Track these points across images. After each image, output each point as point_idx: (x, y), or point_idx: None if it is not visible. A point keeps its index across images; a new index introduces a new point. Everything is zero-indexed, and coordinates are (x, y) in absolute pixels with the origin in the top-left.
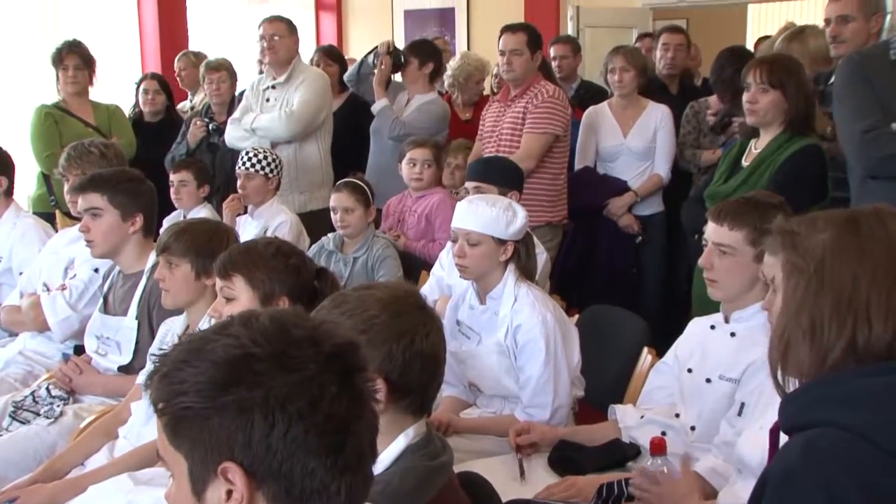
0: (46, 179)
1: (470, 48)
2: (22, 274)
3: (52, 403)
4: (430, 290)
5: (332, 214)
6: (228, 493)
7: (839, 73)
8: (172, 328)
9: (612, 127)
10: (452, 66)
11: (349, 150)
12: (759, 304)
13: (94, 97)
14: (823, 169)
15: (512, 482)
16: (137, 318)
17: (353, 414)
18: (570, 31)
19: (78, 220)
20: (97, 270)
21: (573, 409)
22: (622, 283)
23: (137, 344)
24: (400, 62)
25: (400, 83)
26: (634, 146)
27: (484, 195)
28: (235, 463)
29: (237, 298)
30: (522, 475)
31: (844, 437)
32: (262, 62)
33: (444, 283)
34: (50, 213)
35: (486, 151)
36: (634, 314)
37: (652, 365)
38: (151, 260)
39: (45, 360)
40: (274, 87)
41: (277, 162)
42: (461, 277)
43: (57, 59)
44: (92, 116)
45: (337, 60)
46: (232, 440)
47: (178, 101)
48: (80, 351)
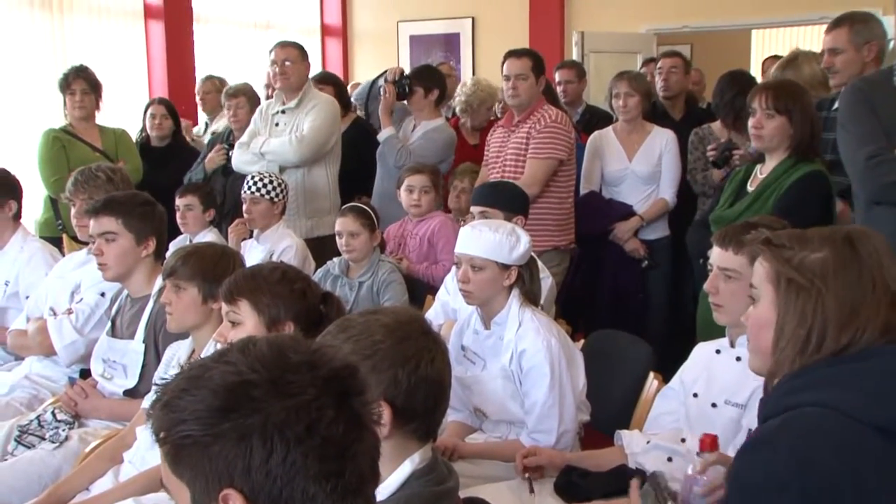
0: (53, 204)
1: (475, 73)
2: (28, 298)
3: (57, 428)
4: (435, 314)
5: (337, 239)
6: None
7: (843, 99)
8: (178, 352)
9: (617, 151)
10: (466, 91)
11: (354, 174)
12: None
13: (101, 121)
14: (828, 194)
15: None
16: (144, 341)
17: (351, 437)
18: (574, 56)
19: (84, 244)
20: (103, 294)
21: (579, 434)
22: (628, 307)
23: (144, 368)
24: (404, 91)
25: (406, 107)
26: (640, 170)
27: (487, 220)
28: (236, 490)
29: (243, 323)
30: (532, 491)
31: (819, 412)
32: (270, 87)
33: (449, 307)
34: (57, 237)
35: (491, 176)
36: (640, 339)
37: (658, 390)
38: (159, 283)
39: (50, 384)
40: (284, 111)
41: (283, 186)
42: (465, 302)
43: (64, 84)
44: (99, 141)
45: (329, 82)
46: (232, 467)
47: (192, 125)
48: (85, 375)
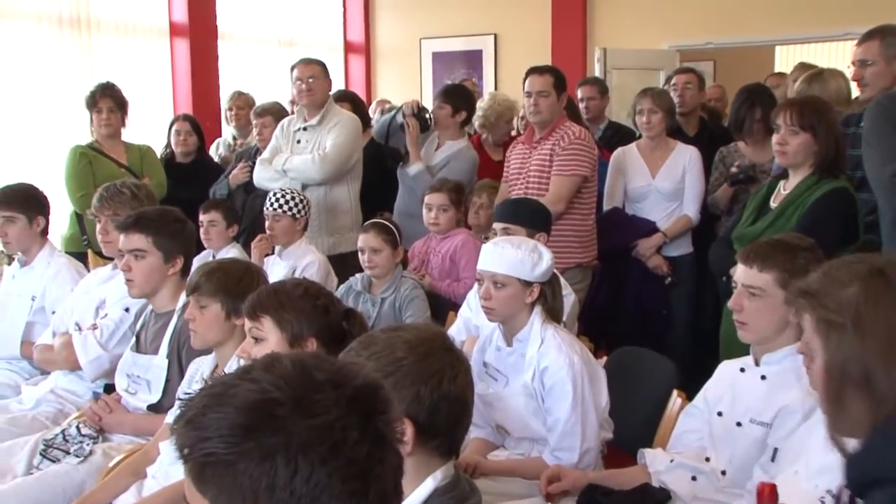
0: (79, 219)
1: (497, 90)
2: (55, 313)
3: (81, 442)
4: (457, 331)
5: (359, 255)
6: None
7: (868, 116)
8: (201, 368)
9: (640, 168)
10: (483, 106)
11: (375, 189)
12: (789, 347)
13: (126, 138)
14: (853, 212)
15: None
16: (168, 356)
17: (375, 457)
18: (597, 72)
19: (109, 259)
20: (128, 310)
21: (602, 451)
22: (650, 324)
23: (167, 383)
24: (426, 123)
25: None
26: (663, 187)
27: (509, 237)
28: None
29: (266, 339)
30: None
31: None
32: (294, 103)
33: (471, 323)
34: (82, 252)
35: (512, 193)
36: (663, 356)
37: (681, 408)
38: (183, 299)
39: (75, 398)
40: (305, 128)
41: (305, 203)
42: (488, 319)
43: (91, 101)
44: (125, 157)
45: (347, 100)
46: (256, 486)
47: (210, 141)
48: (110, 390)
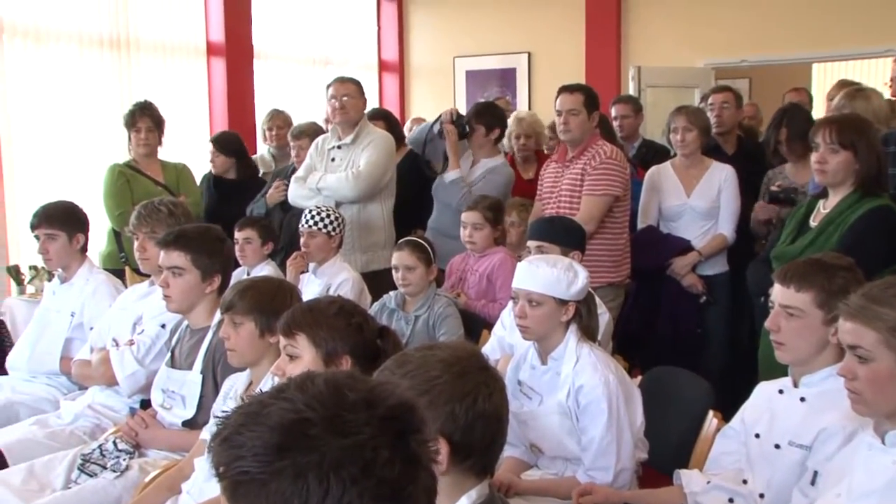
0: (117, 236)
1: (531, 108)
2: (93, 329)
3: (118, 457)
4: (491, 349)
5: (393, 272)
6: None
7: None
8: (236, 384)
9: (675, 186)
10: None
11: (409, 207)
12: (829, 368)
13: (163, 156)
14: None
15: None
16: (202, 372)
17: (407, 478)
18: (631, 90)
19: (147, 276)
20: (164, 326)
21: (637, 472)
22: (685, 343)
23: (202, 399)
24: (464, 130)
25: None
26: (698, 206)
27: (545, 255)
28: None
29: (300, 357)
30: None
31: None
32: (328, 122)
33: (505, 342)
34: (119, 269)
35: (545, 211)
36: (698, 376)
37: (718, 429)
38: (218, 315)
39: (112, 413)
40: (340, 147)
41: (340, 220)
42: (522, 338)
43: (130, 121)
44: (161, 175)
45: (380, 118)
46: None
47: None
48: (146, 405)
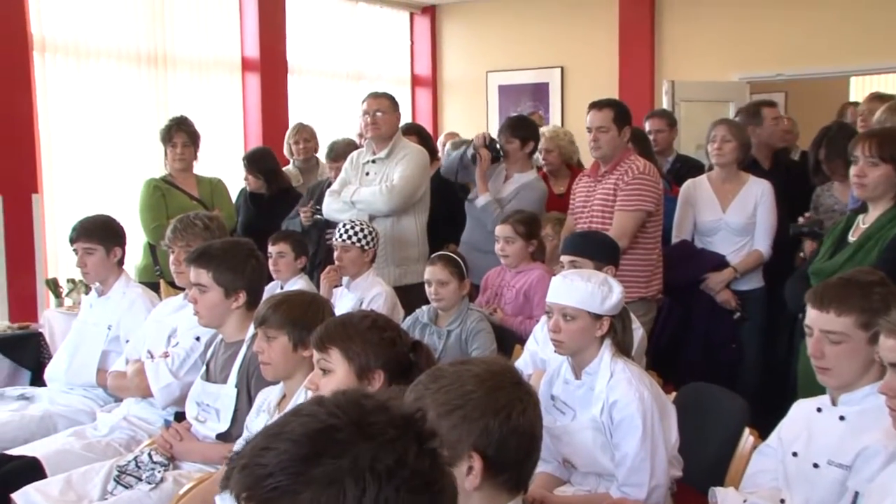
0: (152, 250)
1: (563, 123)
2: (128, 342)
3: (153, 469)
4: (524, 364)
5: (426, 287)
6: None
7: None
8: (269, 397)
9: (710, 201)
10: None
11: (443, 221)
12: (869, 386)
13: (197, 170)
14: None
15: None
16: (237, 386)
17: (436, 470)
18: (665, 105)
19: (181, 289)
20: (198, 339)
21: (671, 489)
22: (719, 359)
23: (236, 412)
24: (498, 155)
25: None
26: (733, 222)
27: (580, 270)
28: None
29: (334, 371)
30: None
31: None
32: (362, 136)
33: (538, 357)
34: (154, 282)
35: (577, 226)
36: (734, 393)
37: (754, 446)
38: (252, 329)
39: (147, 425)
40: (374, 161)
41: (374, 234)
42: (556, 352)
43: (166, 136)
44: (196, 189)
45: (413, 132)
46: None
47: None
48: (180, 418)
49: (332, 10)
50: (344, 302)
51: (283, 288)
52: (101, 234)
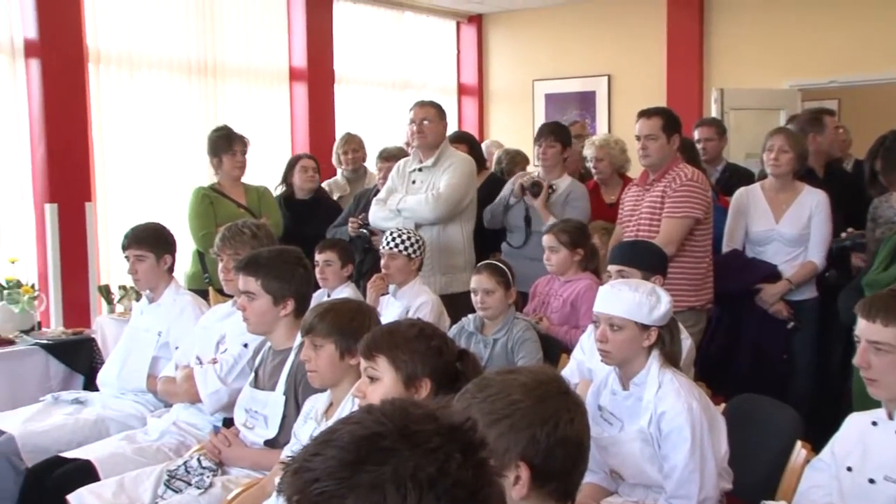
0: (201, 258)
1: (610, 132)
2: (178, 348)
3: (202, 474)
4: (570, 373)
5: (472, 296)
6: None
7: None
8: (316, 405)
9: (763, 211)
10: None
11: (489, 230)
12: None
13: (244, 178)
14: None
15: None
16: (285, 393)
17: (481, 481)
18: (713, 113)
19: (230, 296)
20: (246, 346)
21: (721, 502)
22: (770, 371)
23: (284, 419)
24: (542, 189)
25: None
26: (787, 233)
27: (627, 280)
28: None
29: (381, 379)
30: None
31: None
32: (409, 145)
33: (584, 366)
34: (204, 289)
35: (625, 235)
36: (785, 405)
37: (806, 460)
38: (300, 337)
39: (196, 431)
40: (420, 169)
41: (420, 243)
42: (603, 363)
43: (226, 144)
44: (244, 197)
45: (463, 141)
46: None
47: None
48: (229, 423)
49: (378, 19)
50: (390, 310)
51: (329, 296)
52: (151, 241)
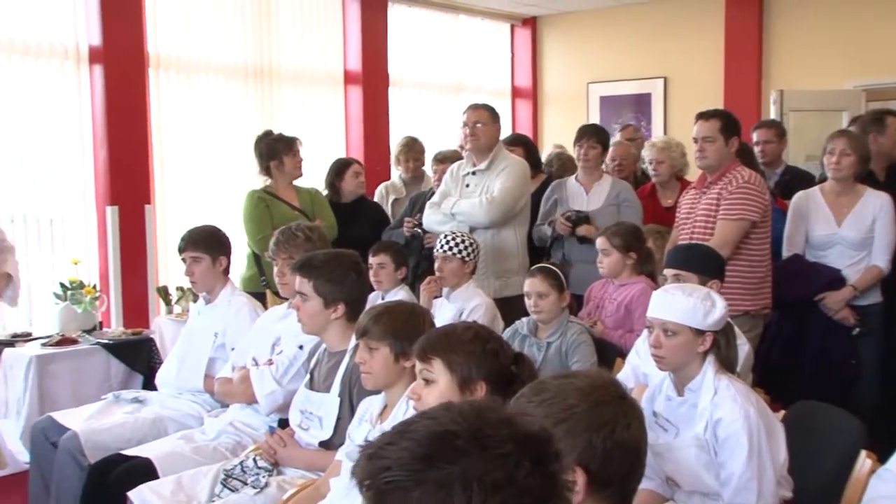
0: (258, 260)
1: (666, 134)
2: (234, 349)
3: (258, 474)
4: (625, 377)
5: (525, 299)
6: None
7: None
8: (371, 407)
9: (824, 215)
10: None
11: None
12: None
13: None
14: None
15: None
16: (339, 394)
17: (547, 492)
18: (772, 115)
19: (286, 299)
20: (301, 347)
21: None
22: (832, 377)
23: (338, 421)
24: (587, 220)
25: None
26: (849, 236)
27: (681, 284)
28: None
29: (436, 381)
30: None
31: None
32: (462, 148)
33: (639, 371)
34: (261, 292)
35: (680, 238)
36: (848, 413)
37: (871, 470)
38: (354, 339)
39: (252, 431)
40: (474, 173)
41: (475, 246)
42: (658, 368)
43: (288, 146)
44: (296, 200)
45: (519, 144)
46: None
47: (377, 184)
48: (284, 424)
49: (433, 22)
50: (444, 313)
51: (383, 298)
52: (207, 243)
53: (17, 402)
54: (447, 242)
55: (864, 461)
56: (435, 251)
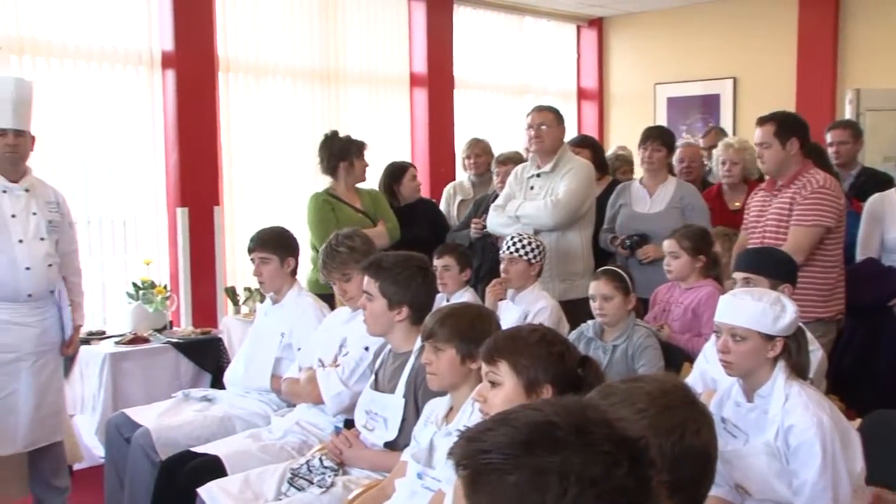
0: None
1: (736, 135)
2: (300, 350)
3: (324, 474)
4: (693, 382)
5: (590, 302)
6: None
7: None
8: (436, 409)
9: None
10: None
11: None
12: None
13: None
14: None
15: None
16: (404, 396)
17: (640, 496)
18: (848, 114)
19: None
20: (367, 349)
21: None
22: None
23: (403, 422)
24: (647, 240)
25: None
26: None
27: (750, 288)
28: None
29: (502, 384)
30: None
31: None
32: (527, 150)
33: (708, 376)
34: (328, 293)
35: (750, 242)
36: None
37: None
38: (419, 341)
39: (318, 431)
40: (539, 175)
41: (541, 248)
42: (726, 374)
43: (358, 147)
44: (358, 202)
45: (586, 146)
46: (525, 500)
47: (443, 186)
48: (349, 425)
49: (498, 24)
50: (509, 315)
51: (448, 300)
52: (275, 244)
53: (91, 398)
54: (514, 244)
55: None
56: (501, 253)
